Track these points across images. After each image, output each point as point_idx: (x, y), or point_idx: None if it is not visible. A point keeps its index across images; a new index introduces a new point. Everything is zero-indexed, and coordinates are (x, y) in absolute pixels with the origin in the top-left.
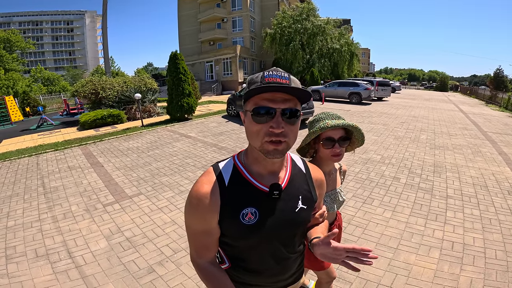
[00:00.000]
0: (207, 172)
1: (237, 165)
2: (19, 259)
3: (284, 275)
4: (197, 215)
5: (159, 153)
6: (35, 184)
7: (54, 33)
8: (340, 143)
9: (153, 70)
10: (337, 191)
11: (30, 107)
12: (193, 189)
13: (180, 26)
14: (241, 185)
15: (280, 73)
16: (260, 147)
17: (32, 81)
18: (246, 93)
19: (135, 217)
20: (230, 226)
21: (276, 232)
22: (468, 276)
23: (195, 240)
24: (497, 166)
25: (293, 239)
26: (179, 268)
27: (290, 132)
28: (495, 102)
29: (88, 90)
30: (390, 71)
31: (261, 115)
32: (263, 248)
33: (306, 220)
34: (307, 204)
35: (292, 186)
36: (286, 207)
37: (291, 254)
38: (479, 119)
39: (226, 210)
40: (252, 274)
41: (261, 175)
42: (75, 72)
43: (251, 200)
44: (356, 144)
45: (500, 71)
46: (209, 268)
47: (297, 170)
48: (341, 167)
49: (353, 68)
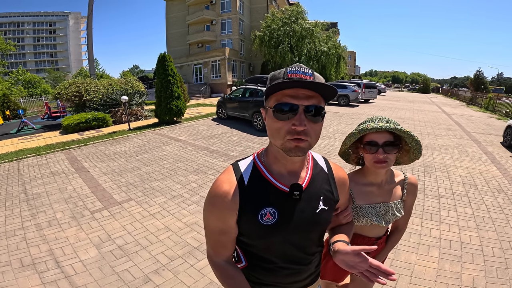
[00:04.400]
0: (227, 171)
1: (257, 164)
2: (4, 268)
3: (301, 275)
4: (216, 213)
5: (148, 157)
6: (16, 190)
7: (36, 34)
8: (385, 148)
9: (140, 73)
10: (389, 205)
11: (10, 110)
12: (212, 188)
13: (168, 28)
14: (261, 184)
15: (303, 69)
16: (281, 146)
17: (12, 83)
18: (268, 89)
19: (126, 224)
20: (248, 225)
21: (295, 233)
22: (469, 274)
23: (213, 238)
24: (484, 165)
25: (312, 240)
26: (177, 276)
27: (313, 131)
28: (476, 103)
29: (72, 92)
30: (375, 74)
31: (283, 111)
32: (281, 248)
33: (326, 221)
34: (328, 205)
35: (313, 186)
36: (307, 208)
37: (310, 256)
38: (462, 120)
39: (244, 209)
40: (269, 274)
41: (282, 174)
42: (57, 75)
43: (270, 200)
44: (412, 154)
45: (480, 73)
46: (225, 267)
47: (318, 169)
48: (406, 178)
49: (340, 70)
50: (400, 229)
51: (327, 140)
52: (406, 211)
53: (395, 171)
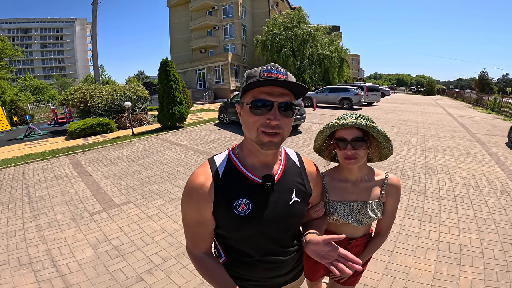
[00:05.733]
0: (203, 165)
1: (231, 158)
2: (1, 267)
3: (281, 270)
4: (192, 205)
5: (150, 162)
6: (20, 193)
7: (43, 41)
8: (353, 144)
9: (145, 78)
10: (363, 204)
11: (18, 116)
12: (189, 180)
13: (171, 34)
14: (235, 176)
15: (278, 68)
16: (256, 138)
17: (20, 89)
18: (245, 86)
19: (123, 225)
20: (223, 217)
21: (270, 224)
22: (468, 277)
23: (191, 230)
24: (488, 166)
25: (288, 233)
26: (169, 276)
27: (285, 125)
28: (481, 104)
29: (77, 98)
30: (379, 77)
31: (259, 107)
32: (257, 241)
33: (300, 213)
34: (301, 197)
35: (286, 178)
36: (280, 199)
37: (286, 249)
38: (467, 121)
39: (219, 201)
40: (249, 269)
41: (255, 166)
42: (64, 81)
43: (244, 191)
44: (383, 150)
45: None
46: (204, 259)
47: (291, 163)
48: (386, 178)
49: (343, 74)
50: (381, 234)
51: None
52: (387, 215)
53: (376, 170)
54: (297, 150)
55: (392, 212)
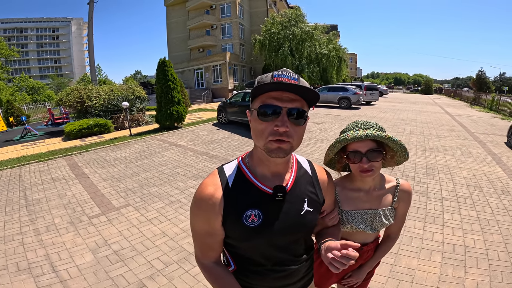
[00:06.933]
0: (212, 174)
1: (241, 167)
2: (0, 272)
3: (291, 279)
4: (201, 216)
5: (148, 163)
6: (17, 196)
7: (39, 40)
8: (369, 156)
9: (142, 78)
10: (377, 212)
11: (14, 117)
12: (198, 191)
13: (169, 33)
14: (245, 186)
15: (289, 73)
16: (264, 146)
17: (16, 89)
18: (253, 91)
19: (123, 229)
20: (233, 227)
21: (281, 235)
22: (473, 279)
23: (200, 240)
24: (488, 166)
25: (299, 242)
26: (171, 282)
27: (295, 133)
28: (479, 103)
29: (74, 98)
30: (377, 76)
31: (267, 113)
32: (267, 250)
33: (312, 223)
34: (313, 207)
35: (297, 188)
36: (291, 209)
37: (297, 258)
38: (465, 121)
39: (229, 211)
40: (259, 277)
41: (265, 176)
42: (61, 81)
43: (254, 202)
44: (399, 158)
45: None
46: (214, 268)
47: (302, 172)
48: (398, 185)
49: (341, 73)
50: (392, 238)
51: (328, 143)
52: (398, 219)
53: (387, 177)
54: (297, 150)
55: (402, 217)
